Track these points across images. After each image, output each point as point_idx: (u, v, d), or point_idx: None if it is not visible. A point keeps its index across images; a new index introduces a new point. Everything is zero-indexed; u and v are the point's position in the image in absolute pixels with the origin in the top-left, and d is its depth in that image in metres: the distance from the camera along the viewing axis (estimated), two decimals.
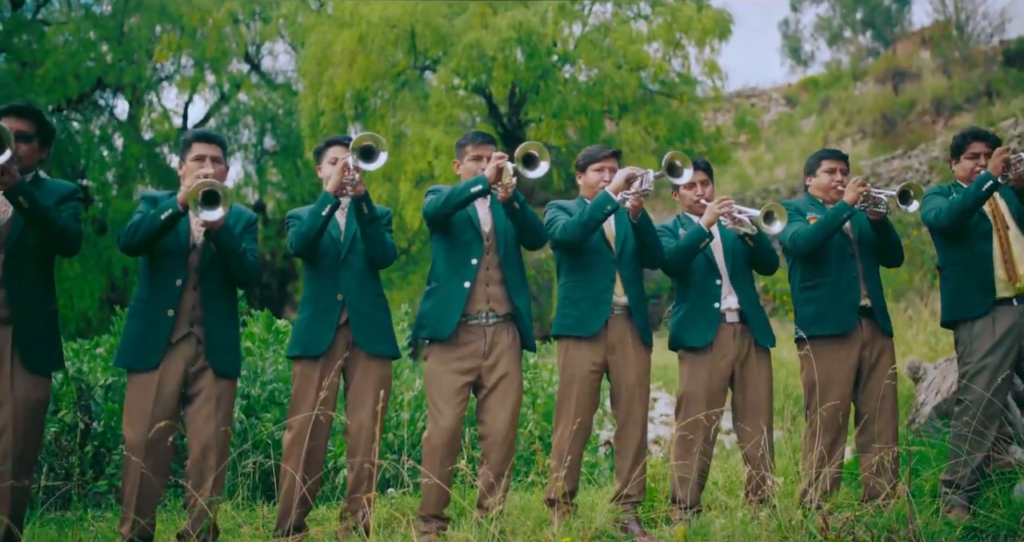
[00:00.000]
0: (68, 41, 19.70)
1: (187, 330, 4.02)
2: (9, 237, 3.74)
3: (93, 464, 5.77)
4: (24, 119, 3.82)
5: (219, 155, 4.18)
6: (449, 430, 4.22)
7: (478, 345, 4.34)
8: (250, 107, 22.21)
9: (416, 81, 18.05)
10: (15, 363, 3.69)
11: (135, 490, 3.91)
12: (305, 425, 4.14)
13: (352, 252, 4.38)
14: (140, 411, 3.94)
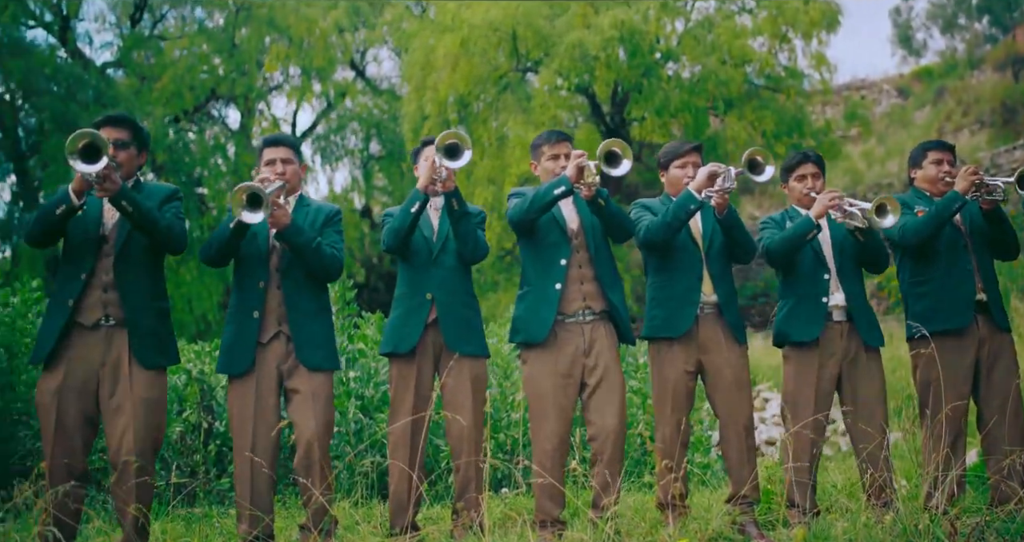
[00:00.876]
0: (183, 55, 20.41)
1: (276, 329, 4.12)
2: (117, 240, 3.91)
3: (216, 462, 5.97)
4: (120, 127, 4.00)
5: (290, 156, 4.31)
6: (557, 435, 4.21)
7: (577, 343, 4.32)
8: (356, 113, 22.65)
9: (518, 83, 18.12)
10: (132, 362, 3.85)
11: (248, 488, 4.03)
12: (406, 425, 4.19)
13: (444, 251, 4.41)
14: (242, 413, 4.07)
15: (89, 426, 3.83)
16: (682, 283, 4.47)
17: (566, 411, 4.26)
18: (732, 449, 4.41)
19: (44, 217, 3.78)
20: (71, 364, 3.80)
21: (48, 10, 19.59)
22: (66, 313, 3.82)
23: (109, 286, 3.86)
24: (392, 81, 23.64)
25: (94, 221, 3.91)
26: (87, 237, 3.89)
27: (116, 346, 3.84)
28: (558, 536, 4.12)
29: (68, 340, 3.83)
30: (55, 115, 18.11)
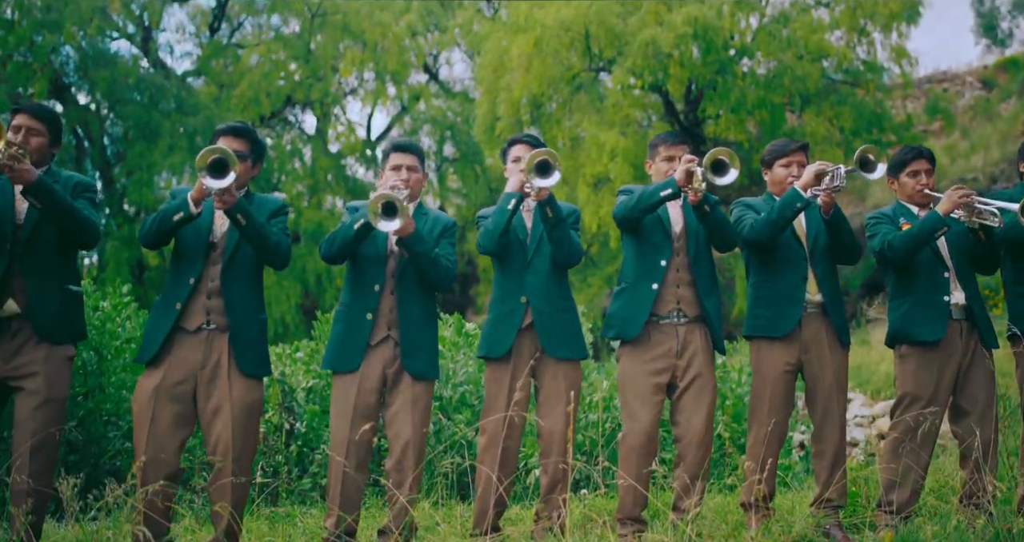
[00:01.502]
0: (260, 62, 20.81)
1: (385, 333, 4.16)
2: (226, 249, 3.99)
3: (298, 463, 6.06)
4: (240, 138, 4.08)
5: (415, 164, 4.34)
6: (645, 432, 4.20)
7: (670, 345, 4.30)
8: (429, 116, 22.82)
9: (591, 83, 18.06)
10: (232, 368, 3.92)
11: (339, 487, 4.07)
12: (499, 427, 4.20)
13: (538, 255, 4.42)
14: (343, 411, 4.12)
15: (184, 427, 3.91)
16: (786, 282, 4.43)
17: (655, 411, 4.25)
18: (827, 452, 4.35)
19: (161, 221, 3.89)
20: (171, 366, 3.89)
21: (131, 22, 20.15)
22: (173, 316, 3.92)
23: (214, 293, 3.95)
24: (465, 83, 23.79)
25: (205, 228, 3.99)
26: (197, 243, 3.98)
27: (216, 350, 3.92)
28: (637, 536, 4.09)
29: (170, 342, 3.92)
30: (138, 124, 18.64)
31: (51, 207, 3.82)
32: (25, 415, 3.81)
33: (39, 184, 3.77)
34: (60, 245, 3.99)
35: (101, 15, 18.80)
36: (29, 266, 3.90)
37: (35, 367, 3.84)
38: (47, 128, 4.05)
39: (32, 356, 3.86)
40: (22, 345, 3.87)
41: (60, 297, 3.96)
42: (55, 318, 3.92)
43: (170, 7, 20.63)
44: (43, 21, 17.78)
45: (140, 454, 3.84)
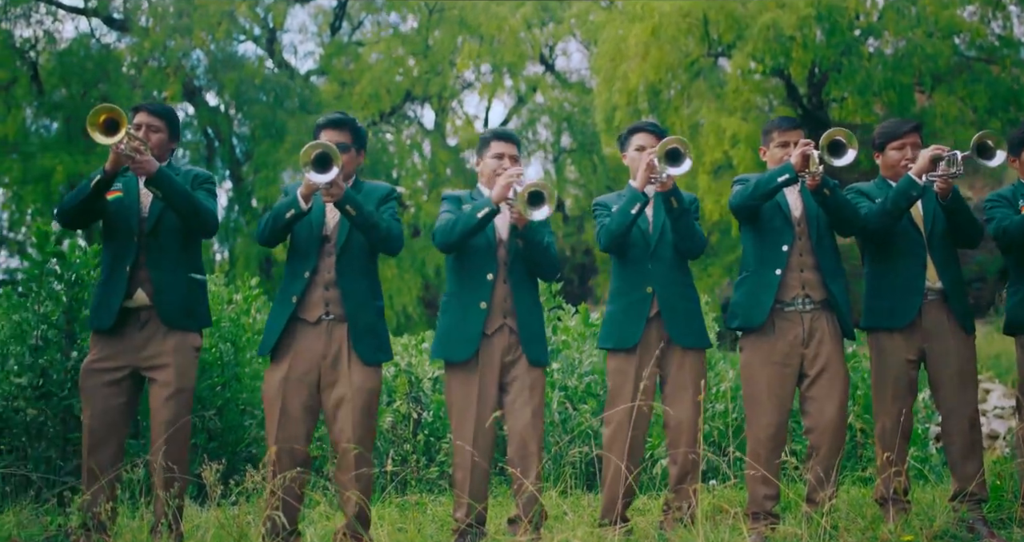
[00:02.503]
0: (379, 59, 21.19)
1: (501, 322, 4.18)
2: (338, 241, 4.06)
3: (425, 451, 6.15)
4: (341, 129, 4.13)
5: (516, 154, 4.34)
6: (773, 424, 4.11)
7: (796, 332, 4.20)
8: (546, 107, 22.84)
9: (710, 69, 17.76)
10: (351, 356, 3.99)
11: (467, 477, 4.11)
12: (626, 418, 4.17)
13: (662, 243, 4.37)
14: (466, 401, 4.15)
15: (310, 416, 4.01)
16: (905, 271, 4.29)
17: (783, 401, 4.15)
18: (956, 443, 4.19)
19: (275, 220, 3.99)
20: (295, 357, 4.00)
21: (257, 24, 20.79)
22: (290, 308, 4.02)
23: (330, 284, 4.02)
24: (581, 73, 23.71)
25: (318, 222, 4.08)
26: (311, 237, 4.07)
27: (336, 340, 4.00)
28: (770, 530, 4.01)
29: (292, 334, 4.02)
30: (265, 123, 19.26)
31: (171, 196, 3.98)
32: (158, 405, 3.99)
33: (160, 174, 3.95)
34: (183, 235, 4.15)
35: (229, 19, 19.45)
36: (154, 257, 4.08)
37: (165, 358, 4.02)
38: (165, 124, 4.23)
39: (161, 347, 4.03)
40: (151, 335, 4.05)
41: (185, 286, 4.13)
42: (180, 306, 4.09)
43: (293, 8, 21.21)
44: (175, 27, 18.54)
45: (272, 443, 3.96)
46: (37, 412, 5.42)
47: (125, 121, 3.80)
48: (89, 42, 19.38)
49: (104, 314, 4.04)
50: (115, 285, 4.05)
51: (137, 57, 19.08)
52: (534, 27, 22.10)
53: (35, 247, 5.69)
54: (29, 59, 18.94)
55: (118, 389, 4.02)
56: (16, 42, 18.84)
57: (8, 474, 5.25)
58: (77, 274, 5.62)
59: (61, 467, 5.38)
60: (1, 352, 5.68)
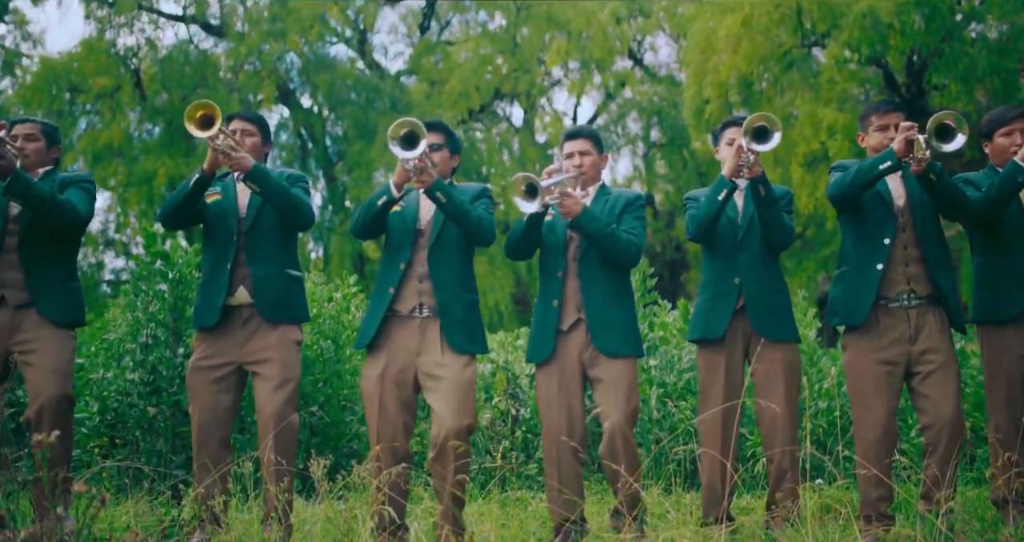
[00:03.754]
0: (468, 58, 21.31)
1: (576, 317, 4.17)
2: (432, 233, 4.12)
3: (523, 448, 6.17)
4: (436, 131, 4.22)
5: (587, 148, 4.35)
6: (881, 424, 4.00)
7: (902, 329, 4.06)
8: (635, 102, 22.67)
9: (804, 59, 17.39)
10: (445, 349, 4.04)
11: (556, 474, 4.11)
12: (718, 414, 4.11)
13: (750, 235, 4.29)
14: (548, 399, 4.17)
15: (408, 411, 4.07)
16: (1014, 261, 4.13)
17: (891, 400, 4.03)
18: None
19: (367, 208, 4.11)
20: (391, 353, 4.06)
21: (348, 27, 21.11)
22: (387, 301, 4.09)
23: (424, 277, 4.09)
24: (670, 67, 23.46)
25: (411, 215, 4.17)
26: (405, 230, 4.16)
27: (430, 334, 4.05)
28: (885, 531, 3.90)
29: (388, 329, 4.09)
30: (356, 123, 19.58)
31: (268, 190, 4.11)
32: (265, 399, 4.10)
33: (256, 169, 4.09)
34: (279, 232, 4.27)
35: (321, 22, 19.81)
36: (253, 254, 4.20)
37: (268, 353, 4.12)
38: (258, 129, 4.41)
39: (264, 342, 4.14)
40: (254, 331, 4.16)
41: (282, 281, 4.23)
42: (279, 301, 4.19)
43: (383, 10, 21.47)
44: (269, 31, 18.98)
45: (375, 439, 4.02)
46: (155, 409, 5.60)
47: (219, 116, 3.94)
48: (188, 48, 19.95)
49: (207, 313, 4.17)
50: (217, 284, 4.18)
51: (233, 61, 19.57)
52: (622, 22, 21.93)
53: (143, 248, 5.88)
54: (132, 66, 19.58)
55: (223, 385, 4.13)
56: (120, 50, 19.51)
57: (123, 467, 5.44)
58: (180, 273, 5.79)
59: (171, 460, 5.55)
60: (116, 350, 5.89)
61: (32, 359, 4.13)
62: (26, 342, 4.16)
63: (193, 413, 4.14)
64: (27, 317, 4.18)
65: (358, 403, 6.27)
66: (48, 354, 4.13)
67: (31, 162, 4.33)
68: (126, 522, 4.30)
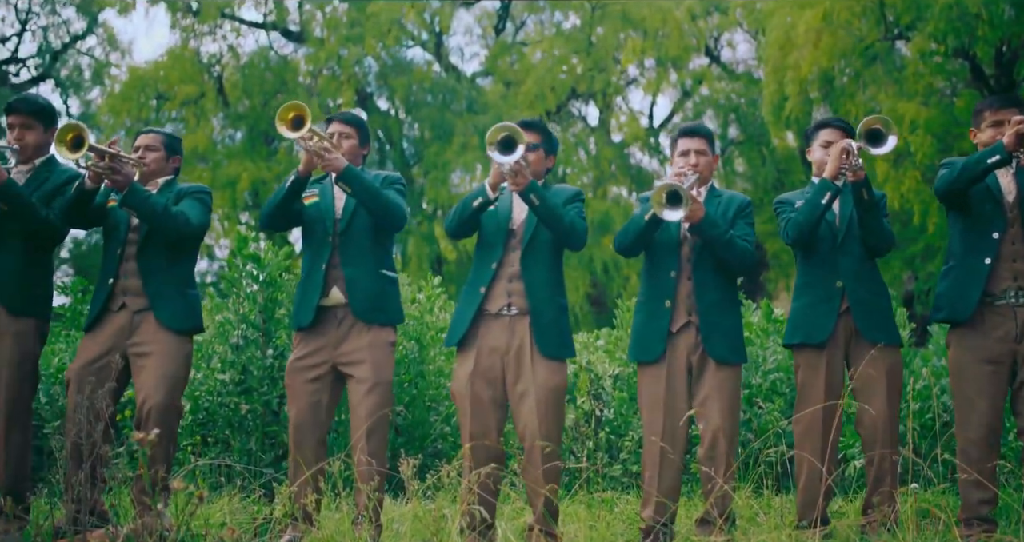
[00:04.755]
0: (543, 58, 21.29)
1: (686, 319, 4.14)
2: (524, 234, 4.14)
3: (607, 449, 6.14)
4: (532, 131, 4.22)
5: (704, 147, 4.28)
6: (985, 424, 3.89)
7: (1007, 328, 3.96)
8: (712, 100, 22.41)
9: (887, 53, 17.01)
10: (534, 350, 4.05)
11: (656, 474, 4.09)
12: (817, 416, 4.05)
13: (849, 237, 4.24)
14: (654, 401, 4.15)
15: (499, 409, 4.09)
16: None
17: (996, 401, 3.93)
18: None
19: (463, 208, 4.14)
20: (480, 351, 4.10)
21: (424, 30, 21.27)
22: (477, 301, 4.12)
23: (514, 277, 4.11)
24: (748, 64, 23.15)
25: (505, 216, 4.19)
26: (498, 230, 4.18)
27: (519, 334, 4.07)
28: (987, 536, 3.79)
29: (477, 327, 4.12)
30: (433, 125, 19.72)
31: (361, 192, 4.16)
32: (358, 400, 4.14)
33: (349, 171, 4.14)
34: (373, 233, 4.31)
35: (398, 26, 19.99)
36: (348, 255, 4.25)
37: (362, 354, 4.17)
38: (356, 131, 4.45)
39: (358, 343, 4.19)
40: (348, 332, 4.21)
41: (377, 282, 4.28)
42: (373, 302, 4.24)
43: (458, 12, 21.56)
44: (348, 36, 19.22)
45: (466, 437, 4.04)
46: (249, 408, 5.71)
47: (310, 117, 3.99)
48: (268, 55, 20.31)
49: (303, 312, 4.24)
50: (312, 284, 4.25)
51: (313, 67, 19.87)
52: (698, 19, 21.70)
53: (234, 250, 6.01)
54: (215, 73, 20.01)
55: (320, 385, 4.19)
56: (203, 58, 19.96)
57: (215, 465, 5.56)
58: (270, 275, 5.89)
59: (261, 459, 5.66)
60: (206, 351, 6.02)
61: (145, 362, 4.22)
62: (141, 345, 4.26)
63: (290, 412, 4.21)
64: (145, 320, 4.29)
65: (442, 403, 6.31)
66: (161, 360, 4.22)
67: (151, 172, 4.45)
68: (221, 519, 4.40)
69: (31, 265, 4.37)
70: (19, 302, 4.29)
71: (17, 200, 4.21)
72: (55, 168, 4.51)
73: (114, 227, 4.41)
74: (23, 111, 4.44)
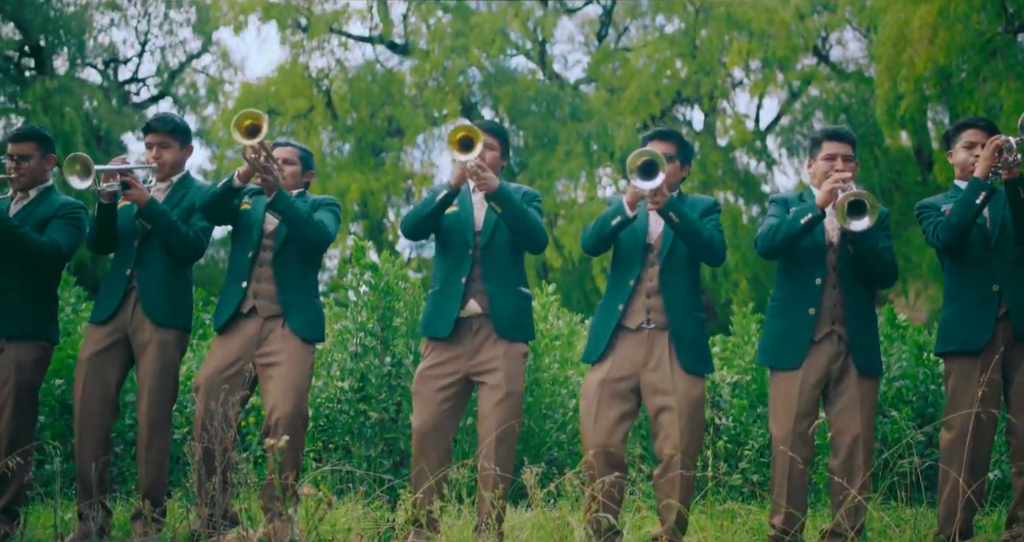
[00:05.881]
0: (646, 63, 21.14)
1: (829, 328, 4.05)
2: (662, 249, 4.10)
3: (726, 458, 6.03)
4: (667, 141, 4.19)
5: (850, 153, 4.18)
6: None
7: None
8: (821, 100, 21.90)
9: (1007, 46, 16.35)
10: (674, 365, 4.00)
11: (785, 483, 4.00)
12: (966, 424, 3.89)
13: (1003, 238, 4.10)
14: (786, 407, 4.06)
15: (627, 420, 4.06)
16: None
17: None
18: None
19: (600, 227, 4.11)
20: (615, 361, 4.07)
21: (527, 38, 21.37)
22: (615, 318, 4.10)
23: (653, 292, 4.07)
24: (859, 62, 22.55)
25: (642, 231, 4.15)
26: (635, 245, 4.14)
27: (658, 348, 4.04)
28: None
29: (614, 340, 4.10)
30: (537, 133, 19.77)
31: (509, 211, 4.14)
32: (488, 409, 4.14)
33: (502, 190, 4.10)
34: (513, 250, 4.29)
35: (501, 35, 20.13)
36: (488, 270, 4.24)
37: (496, 363, 4.17)
38: (499, 143, 4.41)
39: (492, 353, 4.19)
40: (483, 343, 4.21)
41: (515, 299, 4.27)
42: (512, 319, 4.24)
43: (561, 20, 21.60)
44: (452, 47, 19.44)
45: (589, 445, 4.01)
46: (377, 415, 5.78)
47: (480, 137, 3.98)
48: (375, 67, 20.70)
49: (441, 323, 4.24)
50: (450, 296, 4.24)
51: (418, 78, 20.16)
52: (806, 18, 21.22)
53: (351, 259, 6.11)
54: (323, 87, 20.49)
55: (449, 393, 4.21)
56: (312, 73, 20.46)
57: (336, 471, 5.65)
58: (387, 284, 5.97)
59: (381, 465, 5.73)
60: (326, 359, 6.14)
61: (273, 372, 4.31)
62: (270, 354, 4.35)
63: (416, 420, 4.24)
64: (275, 329, 4.37)
65: (558, 411, 6.30)
66: (290, 369, 4.30)
67: (287, 185, 4.53)
68: (346, 525, 4.46)
69: (173, 277, 4.52)
70: (163, 313, 4.44)
71: (159, 218, 4.37)
72: (191, 185, 4.67)
73: (246, 230, 4.51)
74: (160, 130, 4.60)
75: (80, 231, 4.63)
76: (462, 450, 5.80)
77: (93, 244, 4.57)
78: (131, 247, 4.51)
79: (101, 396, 4.41)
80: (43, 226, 4.52)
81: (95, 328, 4.50)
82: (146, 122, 4.72)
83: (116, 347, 4.46)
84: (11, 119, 18.86)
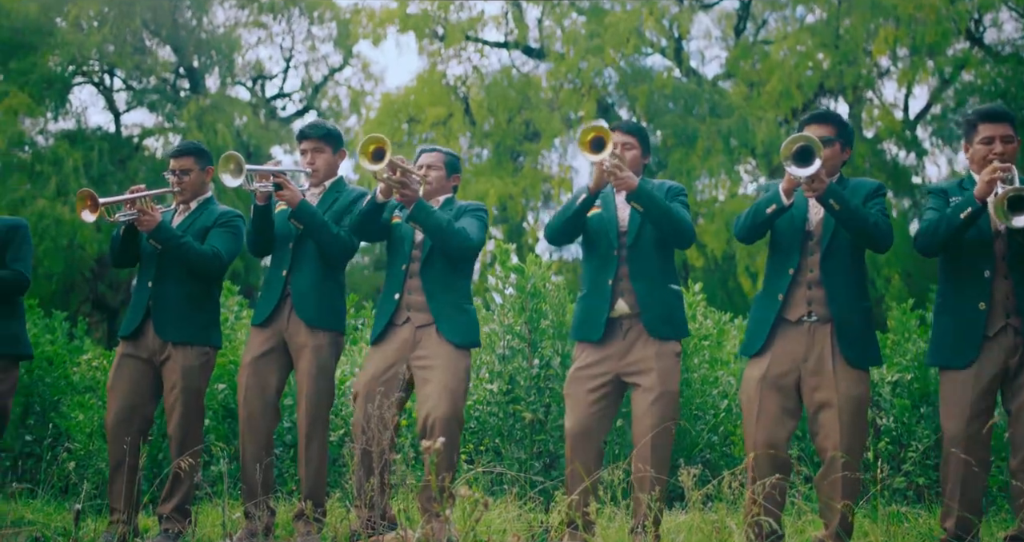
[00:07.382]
0: (787, 55, 20.59)
1: (1003, 322, 3.85)
2: (823, 236, 3.94)
3: (889, 459, 5.79)
4: (825, 124, 4.07)
5: (1010, 133, 3.96)
6: None
7: None
8: (977, 86, 20.86)
9: None
10: (837, 360, 3.85)
11: (957, 484, 3.83)
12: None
13: None
14: (959, 406, 3.86)
15: (790, 418, 3.95)
16: None
17: None
18: None
19: (755, 215, 4.01)
20: (774, 357, 3.96)
21: (663, 36, 21.15)
22: (775, 308, 3.99)
23: (814, 282, 3.94)
24: (1017, 44, 21.39)
25: (800, 216, 4.03)
26: (793, 232, 4.02)
27: (820, 342, 3.90)
28: None
29: (774, 332, 3.98)
30: (675, 131, 19.52)
31: (652, 209, 4.08)
32: (643, 410, 4.09)
33: (642, 189, 4.04)
34: (660, 247, 4.22)
35: (636, 34, 19.98)
36: (636, 268, 4.19)
37: (648, 364, 4.11)
38: (637, 141, 4.35)
39: (644, 353, 4.13)
40: (634, 343, 4.16)
41: (666, 296, 4.20)
42: (664, 317, 4.17)
43: (697, 15, 21.29)
44: (587, 48, 19.42)
45: (750, 446, 3.91)
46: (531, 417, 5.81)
47: (610, 136, 3.96)
48: (511, 73, 20.87)
49: (591, 327, 4.21)
50: (599, 298, 4.22)
51: (554, 81, 20.22)
52: (957, 0, 20.29)
53: (498, 263, 6.15)
54: (461, 94, 20.79)
55: (601, 394, 4.18)
56: (450, 80, 20.80)
57: (487, 473, 5.69)
58: (534, 286, 5.98)
59: (532, 467, 5.74)
60: (474, 361, 6.19)
61: (428, 376, 4.36)
62: (425, 358, 4.40)
63: (568, 421, 4.22)
64: (428, 335, 4.43)
65: (709, 412, 6.18)
66: (444, 373, 4.34)
67: (433, 190, 4.61)
68: (501, 526, 4.48)
69: (326, 280, 4.63)
70: (316, 316, 4.56)
71: (311, 219, 4.49)
72: (343, 189, 4.78)
73: (399, 243, 4.58)
74: (314, 136, 4.74)
75: (239, 238, 4.79)
76: (612, 452, 5.75)
77: (251, 246, 4.74)
78: (286, 250, 4.65)
79: (262, 400, 4.57)
80: (204, 235, 4.71)
81: (256, 331, 4.66)
82: (300, 129, 4.87)
83: (275, 352, 4.61)
84: (169, 137, 19.90)
